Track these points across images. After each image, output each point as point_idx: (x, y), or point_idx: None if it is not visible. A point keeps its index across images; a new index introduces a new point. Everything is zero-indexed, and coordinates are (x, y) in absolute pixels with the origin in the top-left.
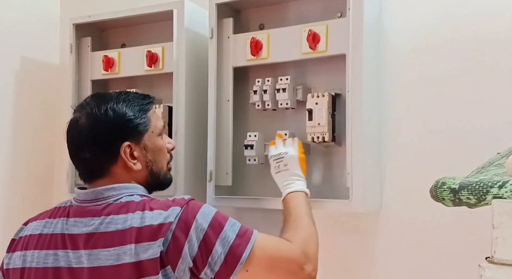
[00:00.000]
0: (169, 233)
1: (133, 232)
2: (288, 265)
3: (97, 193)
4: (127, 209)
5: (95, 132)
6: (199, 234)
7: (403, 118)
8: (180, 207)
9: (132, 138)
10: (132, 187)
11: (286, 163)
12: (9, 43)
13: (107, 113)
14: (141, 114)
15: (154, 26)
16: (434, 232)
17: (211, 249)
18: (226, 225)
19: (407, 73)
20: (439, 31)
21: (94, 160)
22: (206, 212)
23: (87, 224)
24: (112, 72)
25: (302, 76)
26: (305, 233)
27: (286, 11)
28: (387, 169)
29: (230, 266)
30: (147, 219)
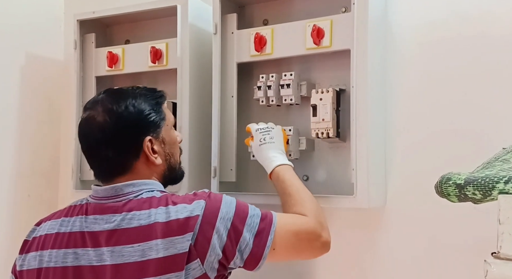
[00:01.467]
0: (196, 226)
1: (159, 227)
2: (308, 236)
3: (117, 189)
4: (150, 204)
5: (118, 129)
6: (227, 223)
7: (408, 113)
8: (204, 200)
9: (152, 132)
10: (151, 183)
11: (272, 136)
12: (14, 39)
13: (128, 109)
14: (158, 108)
15: (158, 22)
16: (439, 227)
17: (239, 237)
18: (249, 211)
19: (412, 68)
20: (445, 25)
21: (117, 157)
22: (229, 201)
23: (108, 221)
24: (116, 68)
25: (306, 71)
26: (312, 204)
27: (290, 6)
28: (391, 164)
29: (259, 250)
30: (172, 213)
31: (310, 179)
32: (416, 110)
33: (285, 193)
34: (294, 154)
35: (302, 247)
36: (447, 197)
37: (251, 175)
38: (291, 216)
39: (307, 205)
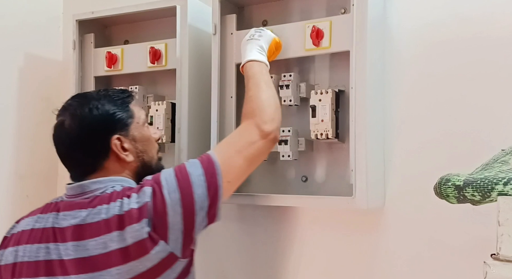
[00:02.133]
0: (149, 212)
1: (116, 219)
2: (251, 145)
3: (84, 186)
4: (110, 199)
5: (83, 131)
6: (175, 195)
7: (407, 115)
8: (150, 186)
9: (120, 130)
10: (118, 180)
11: (261, 35)
12: (13, 39)
13: (91, 111)
14: (124, 107)
15: (157, 23)
16: (438, 228)
17: (193, 200)
18: (188, 168)
19: (411, 70)
20: (444, 27)
21: (87, 158)
22: (167, 173)
23: (74, 216)
24: (115, 68)
25: (305, 72)
26: (259, 100)
27: (289, 7)
28: (390, 165)
29: (214, 196)
30: (126, 205)
31: (309, 180)
32: (415, 111)
33: (247, 87)
34: (293, 155)
35: (251, 159)
36: (446, 199)
37: (251, 175)
38: (228, 139)
39: (255, 102)
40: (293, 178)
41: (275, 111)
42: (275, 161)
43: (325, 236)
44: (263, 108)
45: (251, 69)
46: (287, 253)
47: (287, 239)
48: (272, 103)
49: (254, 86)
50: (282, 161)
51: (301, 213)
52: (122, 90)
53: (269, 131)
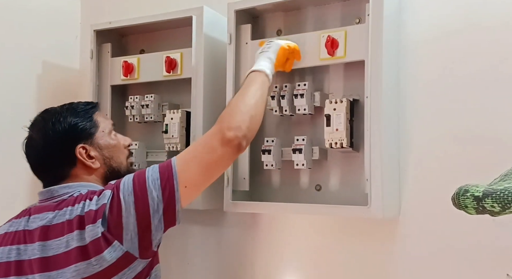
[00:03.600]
0: (105, 213)
1: (77, 219)
2: (210, 146)
3: (53, 191)
4: (75, 201)
5: (48, 144)
6: (130, 198)
7: (423, 123)
8: (110, 189)
9: (84, 140)
10: (86, 185)
11: (270, 46)
12: (32, 48)
13: (54, 124)
14: (87, 117)
15: (172, 32)
16: (455, 239)
17: (147, 200)
18: (146, 173)
19: (427, 78)
20: (460, 35)
21: (55, 168)
22: (128, 178)
23: (42, 218)
24: (131, 77)
25: (319, 81)
26: (232, 107)
27: (303, 17)
28: (405, 175)
29: (170, 199)
30: (87, 206)
31: (323, 188)
32: (431, 120)
33: None
34: (307, 164)
35: (208, 166)
36: (465, 209)
37: (265, 184)
38: (192, 144)
39: (229, 108)
40: (307, 186)
41: (247, 119)
42: (289, 169)
43: (339, 246)
44: (234, 114)
45: (248, 78)
46: (301, 262)
47: (301, 248)
48: (246, 110)
49: (239, 94)
50: (296, 170)
51: (315, 222)
52: (87, 102)
53: (231, 138)
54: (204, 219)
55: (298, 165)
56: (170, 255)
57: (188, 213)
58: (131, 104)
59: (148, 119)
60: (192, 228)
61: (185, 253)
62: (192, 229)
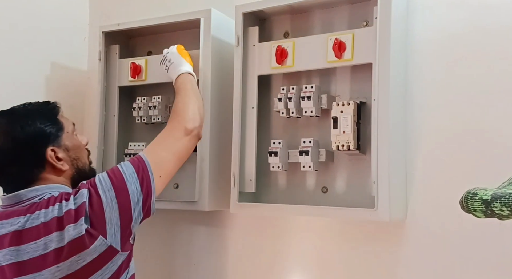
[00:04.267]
0: (87, 210)
1: (55, 221)
2: (175, 137)
3: (21, 195)
4: (48, 204)
5: (18, 148)
6: (110, 193)
7: (430, 126)
8: (86, 188)
9: (52, 142)
10: (55, 187)
11: (169, 59)
12: (40, 49)
13: (23, 128)
14: (53, 119)
15: (180, 34)
16: (462, 242)
17: (128, 193)
18: (120, 169)
19: (434, 81)
20: (468, 38)
21: (23, 172)
22: (101, 176)
23: (12, 224)
24: (139, 79)
25: (326, 84)
26: (183, 104)
27: (310, 20)
28: (412, 177)
29: (148, 190)
30: (64, 207)
31: (329, 191)
32: (438, 123)
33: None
34: (313, 166)
35: (178, 154)
36: (473, 213)
37: (271, 186)
38: (155, 139)
39: (178, 106)
40: (313, 188)
41: (195, 112)
42: (295, 171)
43: (345, 248)
44: (187, 110)
45: (177, 83)
46: (307, 264)
47: (307, 250)
48: (193, 106)
49: (178, 94)
50: (302, 172)
51: (321, 225)
52: (47, 102)
53: (191, 129)
54: (210, 220)
55: (304, 167)
56: (176, 256)
57: (194, 214)
58: (139, 106)
59: (155, 120)
60: (198, 229)
61: (191, 254)
62: (198, 230)
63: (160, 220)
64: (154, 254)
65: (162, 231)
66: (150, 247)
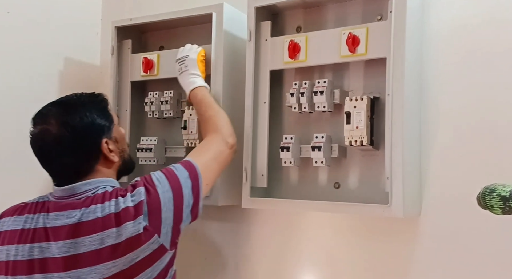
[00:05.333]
0: (145, 209)
1: (112, 217)
2: (221, 153)
3: (75, 188)
4: (103, 198)
5: (77, 139)
6: (168, 194)
7: (445, 121)
8: (143, 186)
9: (106, 134)
10: (105, 181)
11: (186, 65)
12: (54, 45)
13: (82, 119)
14: (105, 112)
15: (192, 29)
16: (478, 239)
17: (182, 199)
18: (175, 172)
19: (450, 75)
20: (485, 30)
21: (81, 163)
22: (158, 175)
23: (69, 216)
24: (151, 73)
25: (339, 79)
26: (218, 119)
27: (323, 14)
28: (427, 173)
29: (197, 196)
30: (122, 203)
31: (342, 186)
32: (453, 118)
33: (200, 110)
34: (326, 161)
35: (222, 165)
36: (490, 209)
37: (283, 181)
38: (201, 148)
39: (214, 121)
40: (325, 184)
41: (231, 127)
42: (307, 167)
43: (358, 245)
44: (224, 126)
45: (197, 96)
46: (319, 260)
47: (319, 246)
48: (228, 121)
49: (209, 108)
50: (314, 167)
51: (333, 220)
52: (97, 94)
53: (233, 143)
54: (222, 216)
55: (317, 163)
56: (188, 250)
57: (206, 209)
58: (151, 100)
59: (167, 115)
60: (210, 224)
61: (203, 249)
62: (210, 225)
63: None
64: None
65: None
66: None
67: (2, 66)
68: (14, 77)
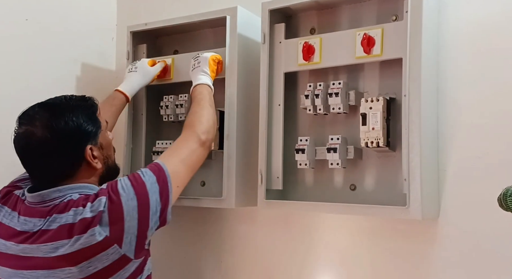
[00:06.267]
0: (103, 219)
1: (68, 227)
2: (192, 152)
3: (44, 195)
4: (66, 208)
5: (61, 143)
6: (132, 202)
7: (463, 122)
8: (106, 195)
9: (91, 140)
10: (77, 187)
11: (199, 61)
12: (71, 51)
13: (67, 123)
14: (93, 117)
15: (206, 33)
16: (498, 241)
17: (149, 204)
18: (142, 177)
19: (468, 75)
20: (503, 31)
21: (61, 167)
22: (123, 182)
23: (35, 224)
24: (166, 77)
25: (354, 80)
26: (198, 115)
27: (337, 15)
28: (445, 175)
29: (166, 200)
30: (79, 214)
31: (358, 188)
32: (471, 118)
33: (191, 105)
34: (341, 163)
35: (192, 165)
36: None
37: (298, 183)
38: (172, 148)
39: (196, 116)
40: (341, 186)
41: (211, 125)
42: (323, 169)
43: (375, 247)
44: (202, 121)
45: (196, 91)
46: (335, 263)
47: (335, 248)
48: (209, 118)
49: (196, 104)
50: (330, 169)
51: (349, 223)
52: (88, 98)
53: (205, 140)
54: (237, 218)
55: (332, 165)
56: (203, 254)
57: (221, 212)
58: (166, 104)
59: (182, 118)
60: (225, 227)
61: (218, 252)
62: (225, 227)
63: (187, 217)
64: (181, 252)
65: (189, 228)
66: (177, 244)
67: (20, 71)
68: (31, 83)
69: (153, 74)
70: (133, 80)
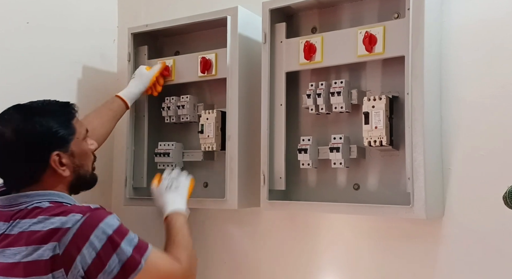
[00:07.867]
0: (65, 238)
1: (28, 234)
2: (171, 273)
3: (11, 199)
4: (30, 214)
5: (25, 146)
6: (96, 245)
7: (467, 120)
8: (82, 215)
9: (60, 147)
10: (46, 194)
11: (177, 186)
12: (72, 53)
13: (35, 127)
14: (66, 123)
15: (207, 33)
16: (503, 240)
17: (105, 263)
18: (124, 239)
19: (471, 73)
20: (506, 27)
21: (25, 171)
22: (109, 223)
23: (0, 228)
24: (167, 78)
25: (356, 79)
26: (187, 251)
27: (338, 14)
28: (449, 173)
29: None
30: (45, 224)
31: (361, 188)
32: (475, 116)
33: (169, 238)
34: (344, 163)
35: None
36: None
37: (301, 183)
38: (167, 258)
39: (182, 250)
40: (345, 186)
41: (194, 261)
42: (326, 168)
43: (378, 247)
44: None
45: (178, 220)
46: (339, 263)
47: (339, 248)
48: (191, 255)
49: (178, 234)
50: (333, 169)
51: (353, 222)
52: (66, 104)
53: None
54: (241, 219)
55: (335, 164)
56: (206, 254)
57: (225, 213)
58: (167, 105)
59: (184, 119)
60: (229, 228)
61: (222, 253)
62: (228, 228)
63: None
64: None
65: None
66: None
67: (21, 74)
68: (33, 85)
69: (150, 76)
70: (132, 85)
